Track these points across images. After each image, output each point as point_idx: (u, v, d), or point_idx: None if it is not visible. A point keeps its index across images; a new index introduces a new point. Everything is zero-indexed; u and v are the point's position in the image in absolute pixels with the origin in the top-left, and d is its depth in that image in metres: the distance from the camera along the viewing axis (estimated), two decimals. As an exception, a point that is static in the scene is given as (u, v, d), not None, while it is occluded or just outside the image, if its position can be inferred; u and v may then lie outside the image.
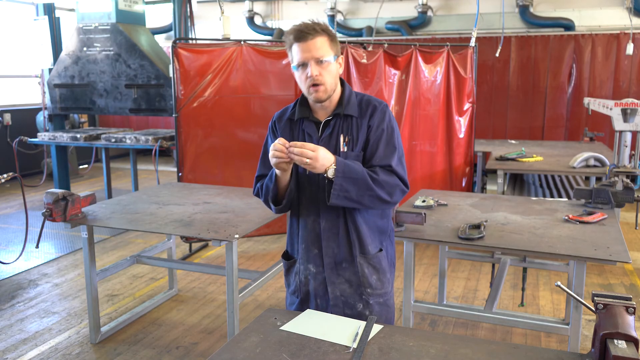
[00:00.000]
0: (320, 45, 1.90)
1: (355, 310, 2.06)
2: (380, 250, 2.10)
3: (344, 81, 2.06)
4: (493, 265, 4.09)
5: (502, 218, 3.02)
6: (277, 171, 1.93)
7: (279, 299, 4.30)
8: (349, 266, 2.04)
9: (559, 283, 1.68)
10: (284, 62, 5.61)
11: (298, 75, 1.95)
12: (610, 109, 4.67)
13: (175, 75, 5.22)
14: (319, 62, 1.90)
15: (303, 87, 1.95)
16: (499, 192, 5.02)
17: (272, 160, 1.87)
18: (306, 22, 1.93)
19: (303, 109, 2.05)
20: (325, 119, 2.02)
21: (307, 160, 1.81)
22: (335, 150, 1.98)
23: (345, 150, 1.98)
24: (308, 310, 1.98)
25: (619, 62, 8.58)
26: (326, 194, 1.90)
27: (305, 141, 2.00)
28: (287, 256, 2.20)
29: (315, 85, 1.91)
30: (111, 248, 5.62)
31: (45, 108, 7.25)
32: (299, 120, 2.05)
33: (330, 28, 1.97)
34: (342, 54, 2.04)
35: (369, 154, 1.98)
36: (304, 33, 1.89)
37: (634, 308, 1.51)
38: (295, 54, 1.92)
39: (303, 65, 1.91)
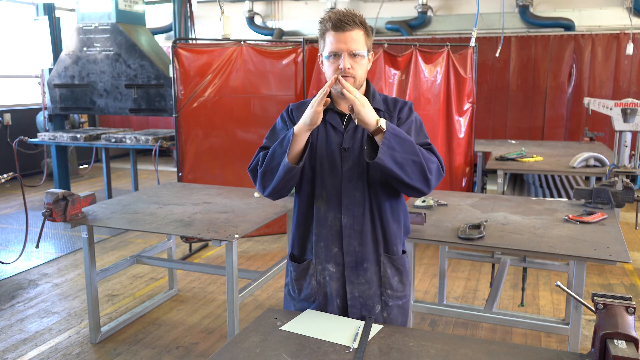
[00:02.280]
0: (357, 38, 1.83)
1: (373, 312, 1.96)
2: (404, 252, 2.03)
3: (368, 80, 2.00)
4: (493, 265, 4.09)
5: (502, 218, 3.02)
6: (300, 128, 1.80)
7: (279, 299, 4.30)
8: (371, 266, 1.94)
9: (559, 283, 1.68)
10: (284, 62, 5.61)
11: (327, 64, 1.87)
12: (610, 109, 4.67)
13: (175, 75, 5.22)
14: (353, 55, 1.83)
15: (330, 76, 1.87)
16: (499, 192, 5.02)
17: (318, 100, 1.75)
18: (344, 10, 1.85)
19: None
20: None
21: (357, 97, 1.72)
22: (362, 143, 1.90)
23: None
24: (308, 310, 1.98)
25: (619, 62, 8.58)
26: (366, 152, 1.79)
27: (328, 134, 1.94)
28: (297, 258, 2.05)
29: (344, 77, 1.84)
30: (111, 248, 5.62)
31: (45, 108, 7.25)
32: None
33: (365, 22, 1.90)
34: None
35: None
36: (343, 23, 1.81)
37: (634, 308, 1.51)
38: (329, 42, 1.84)
39: (335, 55, 1.84)
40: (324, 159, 1.94)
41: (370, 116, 1.75)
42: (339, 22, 1.82)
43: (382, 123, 1.75)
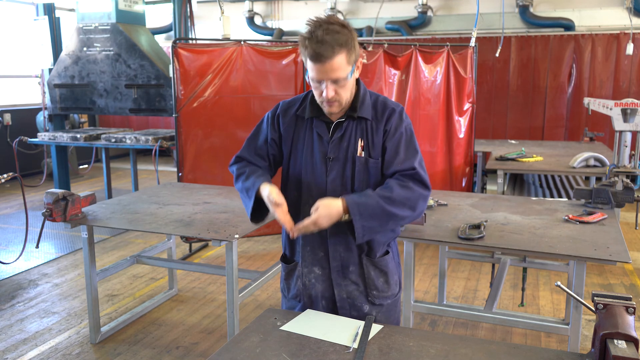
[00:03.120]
0: (338, 65, 1.76)
1: (362, 312, 1.99)
2: (387, 252, 2.03)
3: (359, 80, 1.95)
4: (493, 265, 4.09)
5: (502, 218, 3.02)
6: (261, 194, 1.90)
7: (279, 299, 4.30)
8: (356, 269, 1.97)
9: (559, 283, 1.68)
10: (284, 62, 5.60)
11: (312, 85, 1.85)
12: (610, 109, 4.67)
13: (175, 75, 5.22)
14: (335, 81, 1.79)
15: (317, 98, 1.87)
16: (499, 192, 5.02)
17: (270, 209, 1.88)
18: (321, 34, 1.72)
19: (314, 108, 1.93)
20: (337, 119, 1.92)
21: (312, 224, 1.79)
22: (347, 154, 1.90)
23: (363, 155, 1.90)
24: (308, 310, 1.98)
25: (619, 62, 8.58)
26: (349, 231, 1.84)
27: (314, 142, 1.93)
28: (287, 259, 2.10)
29: (330, 102, 1.83)
30: (111, 248, 5.62)
31: (45, 108, 7.25)
32: (308, 118, 1.95)
33: (348, 33, 1.77)
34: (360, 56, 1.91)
35: (389, 158, 1.89)
36: (320, 56, 1.73)
37: (634, 308, 1.51)
38: (310, 69, 1.80)
39: (318, 81, 1.81)
40: (309, 167, 1.94)
41: (332, 219, 1.79)
42: (317, 55, 1.73)
43: (345, 217, 1.80)
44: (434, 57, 5.62)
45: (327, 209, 1.78)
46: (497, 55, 6.36)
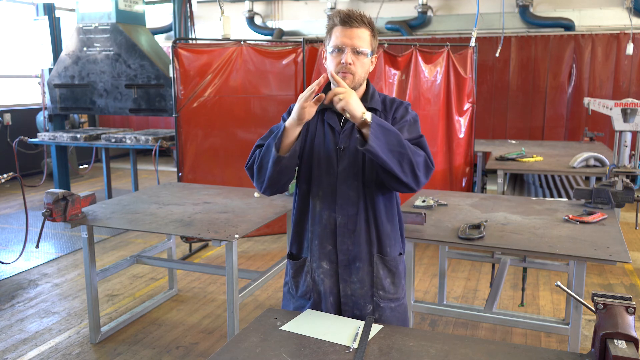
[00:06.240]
0: (363, 36, 1.88)
1: (365, 312, 1.97)
2: (401, 254, 2.02)
3: (369, 80, 2.02)
4: (493, 265, 4.09)
5: (502, 218, 3.02)
6: (290, 123, 1.83)
7: (279, 299, 4.30)
8: (363, 265, 1.96)
9: (559, 283, 1.68)
10: (284, 62, 5.61)
11: (330, 59, 1.90)
12: (610, 109, 4.67)
13: (175, 75, 5.22)
14: (356, 52, 1.86)
15: (333, 69, 1.89)
16: (499, 192, 5.02)
17: (305, 96, 1.78)
18: (354, 9, 1.90)
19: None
20: None
21: (341, 93, 1.74)
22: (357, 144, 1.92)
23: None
24: (308, 310, 1.98)
25: (619, 62, 8.59)
26: (358, 141, 1.80)
27: (325, 133, 1.97)
28: (295, 256, 2.09)
29: (344, 72, 1.87)
30: (111, 248, 5.62)
31: (45, 108, 7.25)
32: (320, 111, 1.97)
33: (374, 24, 1.95)
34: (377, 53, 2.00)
35: None
36: (351, 19, 1.87)
37: (634, 308, 1.51)
38: (335, 37, 1.88)
39: (339, 50, 1.87)
40: (321, 158, 1.96)
41: (356, 108, 1.76)
42: (347, 17, 1.86)
43: (367, 116, 1.76)
44: (434, 57, 5.62)
45: (356, 99, 1.78)
46: (497, 55, 6.36)
